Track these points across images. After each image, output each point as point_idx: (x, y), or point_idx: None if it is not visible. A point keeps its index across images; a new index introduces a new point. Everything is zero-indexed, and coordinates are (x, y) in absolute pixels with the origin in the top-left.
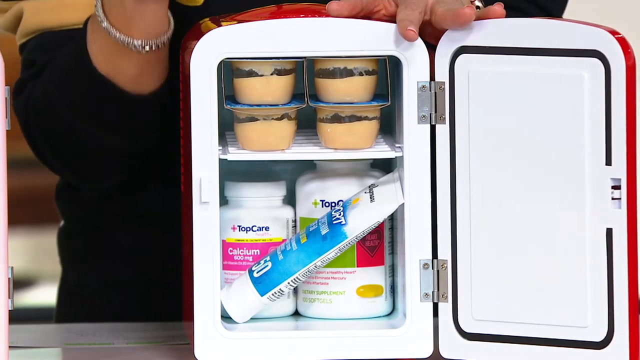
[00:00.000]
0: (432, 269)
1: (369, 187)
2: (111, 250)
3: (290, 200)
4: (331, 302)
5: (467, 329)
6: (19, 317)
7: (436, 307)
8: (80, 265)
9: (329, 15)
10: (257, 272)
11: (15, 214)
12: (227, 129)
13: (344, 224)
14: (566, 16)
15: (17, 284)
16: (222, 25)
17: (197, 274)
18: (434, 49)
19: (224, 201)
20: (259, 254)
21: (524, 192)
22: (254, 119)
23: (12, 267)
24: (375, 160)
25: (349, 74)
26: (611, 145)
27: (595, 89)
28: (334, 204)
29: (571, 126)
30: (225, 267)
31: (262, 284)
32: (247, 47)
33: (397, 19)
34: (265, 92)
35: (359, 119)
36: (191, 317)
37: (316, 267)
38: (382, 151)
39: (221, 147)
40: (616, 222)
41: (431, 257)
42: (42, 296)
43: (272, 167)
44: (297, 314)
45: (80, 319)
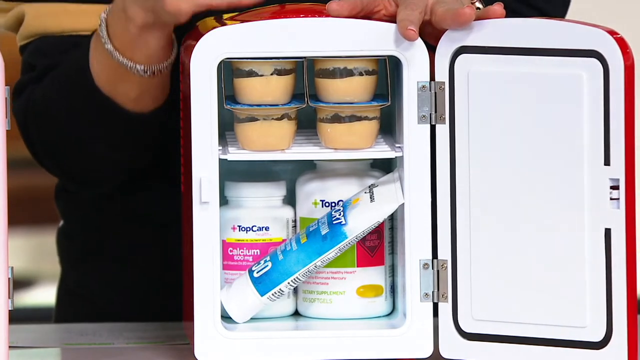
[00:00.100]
0: (432, 269)
1: (369, 187)
2: (111, 250)
3: (290, 200)
4: (331, 302)
5: (466, 329)
6: (18, 317)
7: (436, 307)
8: (79, 265)
9: (329, 15)
10: (257, 272)
11: (15, 214)
12: (227, 129)
13: (344, 224)
14: (566, 16)
15: (16, 284)
16: (227, 24)
17: (197, 274)
18: (434, 50)
19: (224, 201)
20: (259, 254)
21: (523, 192)
22: (254, 119)
23: (12, 267)
24: (375, 160)
25: (349, 74)
26: (610, 145)
27: (593, 89)
28: (334, 204)
29: (570, 126)
30: (225, 267)
31: (262, 284)
32: (247, 47)
33: (397, 18)
34: (265, 92)
35: (359, 119)
36: (191, 317)
37: (316, 267)
38: (382, 151)
39: (221, 147)
40: (615, 222)
41: (431, 257)
42: (41, 296)
43: (272, 167)
44: (297, 314)
45: (79, 319)
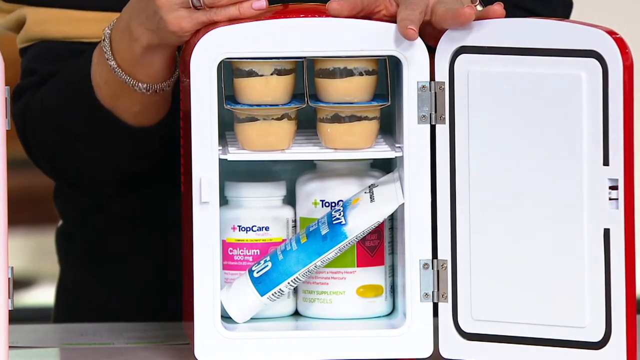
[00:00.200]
0: (432, 269)
1: (369, 187)
2: (110, 250)
3: (290, 200)
4: (331, 302)
5: (466, 329)
6: (18, 317)
7: (436, 307)
8: (78, 264)
9: (330, 15)
10: (257, 272)
11: (15, 214)
12: (227, 129)
13: (344, 224)
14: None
15: (16, 284)
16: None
17: (197, 274)
18: (434, 51)
19: (224, 201)
20: (259, 254)
21: (522, 192)
22: (254, 119)
23: (12, 267)
24: (375, 160)
25: (349, 74)
26: (609, 145)
27: (593, 89)
28: (334, 204)
29: (569, 126)
30: (225, 267)
31: (262, 284)
32: (247, 47)
33: (397, 18)
34: (265, 92)
35: (359, 119)
36: (191, 317)
37: (316, 267)
38: (382, 151)
39: (221, 147)
40: (614, 222)
41: (431, 257)
42: (41, 296)
43: (272, 167)
44: (297, 314)
45: (78, 319)
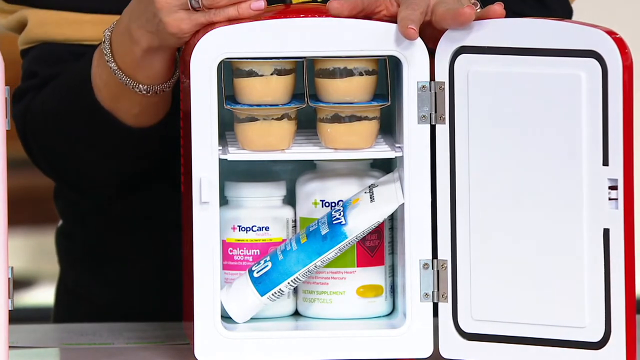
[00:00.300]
0: (432, 269)
1: (369, 187)
2: (110, 250)
3: (290, 200)
4: (331, 302)
5: (466, 329)
6: (18, 317)
7: (436, 307)
8: (78, 265)
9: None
10: (257, 272)
11: (14, 214)
12: (227, 129)
13: (344, 224)
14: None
15: (16, 284)
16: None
17: (197, 274)
18: (433, 53)
19: (224, 201)
20: (259, 254)
21: (522, 192)
22: (254, 119)
23: (12, 267)
24: (375, 160)
25: (349, 74)
26: (608, 145)
27: (592, 89)
28: (334, 204)
29: (568, 126)
30: (225, 267)
31: (262, 284)
32: (247, 47)
33: (398, 17)
34: (265, 92)
35: (359, 119)
36: (191, 317)
37: (316, 267)
38: (382, 151)
39: (221, 147)
40: (613, 222)
41: (431, 257)
42: (41, 296)
43: (272, 167)
44: (297, 314)
45: (78, 319)
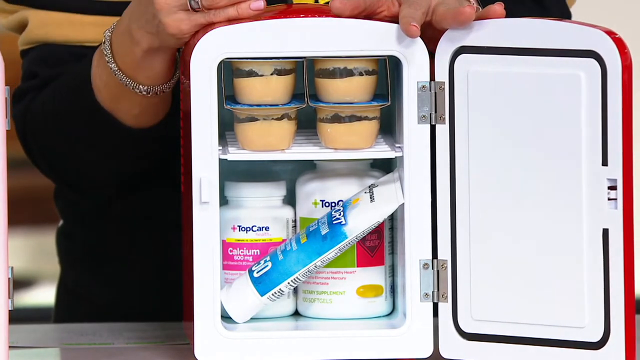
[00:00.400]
0: (432, 269)
1: (369, 187)
2: (110, 250)
3: (290, 200)
4: (331, 302)
5: (466, 329)
6: (18, 317)
7: (436, 307)
8: (78, 265)
9: (334, 15)
10: (257, 272)
11: (15, 214)
12: (227, 129)
13: (344, 224)
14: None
15: (16, 284)
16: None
17: (197, 274)
18: (433, 55)
19: (224, 201)
20: (259, 254)
21: (521, 192)
22: (254, 119)
23: (12, 267)
24: (375, 160)
25: (349, 74)
26: (607, 145)
27: (592, 89)
28: (334, 204)
29: (568, 126)
30: (225, 267)
31: (262, 284)
32: (247, 47)
33: (399, 16)
34: (265, 92)
35: (359, 119)
36: (191, 317)
37: (316, 267)
38: (382, 151)
39: (221, 147)
40: (612, 222)
41: (431, 257)
42: (41, 296)
43: (272, 167)
44: (297, 314)
45: (78, 319)
